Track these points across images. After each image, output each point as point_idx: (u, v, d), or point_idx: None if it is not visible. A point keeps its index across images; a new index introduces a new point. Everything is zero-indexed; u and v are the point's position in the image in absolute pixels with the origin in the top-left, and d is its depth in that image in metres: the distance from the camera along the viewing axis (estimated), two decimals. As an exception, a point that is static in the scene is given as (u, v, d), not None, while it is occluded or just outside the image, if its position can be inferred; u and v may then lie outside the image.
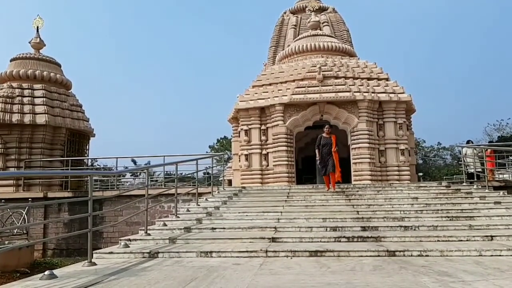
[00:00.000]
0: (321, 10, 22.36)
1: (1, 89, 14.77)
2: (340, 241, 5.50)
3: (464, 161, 12.17)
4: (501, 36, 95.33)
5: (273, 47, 22.27)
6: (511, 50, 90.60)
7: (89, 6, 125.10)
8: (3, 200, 11.12)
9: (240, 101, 13.97)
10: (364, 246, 5.01)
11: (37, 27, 16.52)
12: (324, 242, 5.47)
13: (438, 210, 7.65)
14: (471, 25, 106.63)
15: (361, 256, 4.69)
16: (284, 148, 13.17)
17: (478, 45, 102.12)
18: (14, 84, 15.04)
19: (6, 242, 9.61)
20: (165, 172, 17.36)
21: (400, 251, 4.74)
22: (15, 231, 10.78)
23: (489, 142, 33.36)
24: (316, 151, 10.01)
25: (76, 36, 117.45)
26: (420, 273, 3.74)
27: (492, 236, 5.46)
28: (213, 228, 6.63)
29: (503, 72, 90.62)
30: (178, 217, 7.82)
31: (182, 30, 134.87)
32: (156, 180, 23.59)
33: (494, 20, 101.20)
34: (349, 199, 8.77)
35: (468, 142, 13.82)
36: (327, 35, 17.12)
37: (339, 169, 9.90)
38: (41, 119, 14.41)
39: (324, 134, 10.04)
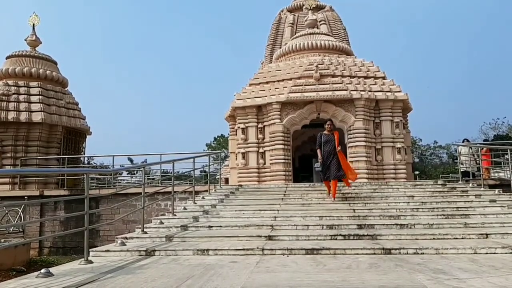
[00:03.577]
0: (318, 8, 22.35)
1: (-3, 86, 14.70)
2: (336, 239, 5.52)
3: (459, 159, 12.24)
4: (498, 34, 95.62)
5: (270, 45, 22.24)
6: (508, 49, 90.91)
7: (80, 8, 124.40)
8: (-1, 198, 11.09)
9: (237, 99, 13.98)
10: (360, 244, 5.04)
11: (33, 24, 16.44)
12: (321, 240, 5.49)
13: (434, 208, 7.68)
14: (468, 23, 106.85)
15: (357, 254, 4.71)
16: (281, 146, 13.18)
17: (473, 44, 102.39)
18: (10, 82, 14.96)
19: (2, 240, 9.58)
20: (162, 170, 17.33)
21: (395, 249, 4.76)
22: (11, 229, 10.76)
23: (484, 140, 33.51)
24: (318, 151, 8.77)
25: (69, 37, 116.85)
26: (415, 270, 3.76)
27: (487, 234, 5.49)
28: (209, 226, 6.64)
29: (499, 71, 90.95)
30: (175, 215, 7.82)
31: (182, 27, 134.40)
32: (153, 178, 23.57)
33: (490, 19, 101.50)
34: (346, 198, 8.79)
35: (464, 141, 13.89)
36: (324, 34, 17.12)
37: (350, 168, 9.02)
38: (37, 117, 14.34)
39: (325, 132, 8.89)
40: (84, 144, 16.91)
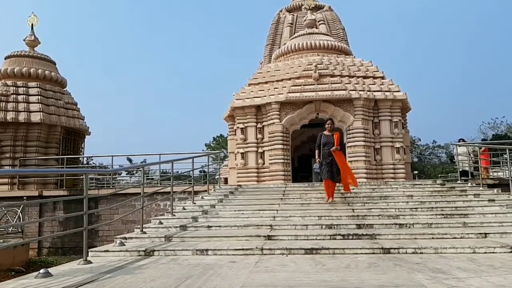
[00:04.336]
0: (317, 8, 22.35)
1: (-4, 87, 14.68)
2: (335, 239, 5.52)
3: (456, 159, 12.26)
4: (498, 34, 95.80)
5: (269, 45, 22.25)
6: (507, 49, 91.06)
7: (78, 8, 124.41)
8: (-3, 199, 11.07)
9: (236, 99, 13.98)
10: (359, 244, 5.04)
11: (32, 24, 16.43)
12: (320, 239, 5.49)
13: (432, 207, 7.69)
14: (467, 23, 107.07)
15: (356, 253, 4.71)
16: (280, 146, 13.18)
17: (473, 44, 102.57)
18: (9, 82, 14.95)
19: (1, 240, 9.57)
20: (161, 170, 17.32)
21: (394, 248, 4.77)
22: (10, 229, 10.74)
23: (482, 140, 33.55)
24: (316, 151, 8.52)
25: (67, 37, 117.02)
26: (414, 270, 3.77)
27: (486, 234, 5.49)
28: (209, 226, 6.64)
29: (498, 71, 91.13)
30: (174, 215, 7.82)
31: (181, 26, 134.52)
32: (152, 178, 23.55)
33: (489, 19, 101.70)
34: (345, 197, 8.79)
35: (459, 140, 13.90)
36: (323, 34, 17.13)
37: (351, 173, 8.58)
38: (36, 117, 14.33)
39: (325, 132, 8.58)
40: (83, 144, 16.90)
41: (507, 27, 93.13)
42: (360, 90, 13.22)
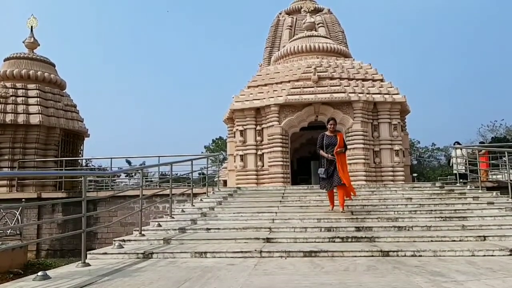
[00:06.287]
0: (316, 11, 22.40)
1: (-5, 88, 14.68)
2: (334, 242, 5.51)
3: (451, 162, 12.26)
4: (498, 35, 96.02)
5: (269, 48, 22.28)
6: (507, 50, 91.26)
7: (78, 10, 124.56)
8: (-4, 201, 11.04)
9: (236, 102, 13.99)
10: (358, 247, 5.03)
11: (31, 26, 16.45)
12: (319, 242, 5.48)
13: (431, 210, 7.69)
14: (467, 25, 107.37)
15: (355, 256, 4.70)
16: (279, 148, 13.18)
17: (473, 46, 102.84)
18: (8, 84, 14.95)
19: (0, 242, 9.55)
20: (160, 173, 17.30)
21: (393, 251, 4.76)
22: (9, 231, 10.72)
23: (480, 143, 33.58)
24: (321, 152, 7.67)
25: (67, 39, 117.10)
26: (413, 273, 3.76)
27: (485, 236, 5.49)
28: (207, 229, 6.62)
29: (498, 73, 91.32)
30: (173, 217, 7.80)
31: (180, 29, 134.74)
32: (151, 181, 23.52)
33: (489, 20, 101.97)
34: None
35: (455, 143, 13.89)
36: (322, 36, 17.16)
37: (348, 178, 7.63)
38: (35, 119, 14.33)
39: (327, 132, 7.79)
40: (82, 146, 16.90)
41: (508, 28, 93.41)
42: (359, 93, 13.24)
